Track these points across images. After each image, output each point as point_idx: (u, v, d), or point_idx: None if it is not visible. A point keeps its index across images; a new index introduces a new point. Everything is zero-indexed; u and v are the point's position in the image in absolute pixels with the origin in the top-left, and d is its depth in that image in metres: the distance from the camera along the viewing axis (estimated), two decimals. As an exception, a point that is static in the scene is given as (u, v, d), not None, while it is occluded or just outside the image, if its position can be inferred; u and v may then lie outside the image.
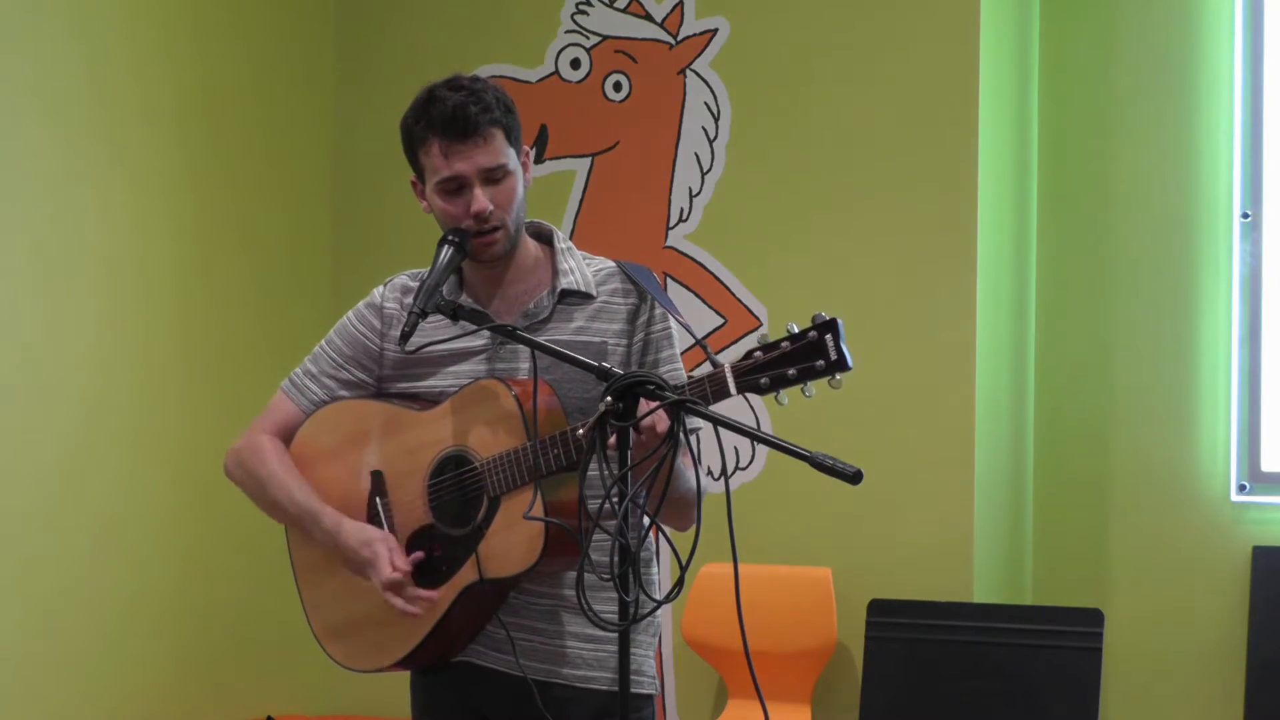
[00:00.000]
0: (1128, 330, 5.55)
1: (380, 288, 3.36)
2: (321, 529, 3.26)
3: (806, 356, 2.80)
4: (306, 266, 6.23)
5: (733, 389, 2.85)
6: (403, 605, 3.15)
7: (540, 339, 3.11)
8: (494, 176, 3.15)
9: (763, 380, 2.83)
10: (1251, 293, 5.36)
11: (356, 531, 3.22)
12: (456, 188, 3.15)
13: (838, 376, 2.80)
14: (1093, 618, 5.12)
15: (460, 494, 3.16)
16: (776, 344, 2.83)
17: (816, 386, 2.82)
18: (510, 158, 3.17)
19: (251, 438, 3.37)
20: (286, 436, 3.37)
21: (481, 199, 3.13)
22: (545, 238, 3.31)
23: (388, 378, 3.32)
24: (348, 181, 6.33)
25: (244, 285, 5.98)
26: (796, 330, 2.82)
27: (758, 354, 2.84)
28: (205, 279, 5.83)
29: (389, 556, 3.17)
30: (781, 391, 2.83)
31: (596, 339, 3.20)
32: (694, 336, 3.07)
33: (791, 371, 2.81)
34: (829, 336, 2.79)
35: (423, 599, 3.15)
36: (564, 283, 3.22)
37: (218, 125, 5.90)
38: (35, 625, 5.28)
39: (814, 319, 2.80)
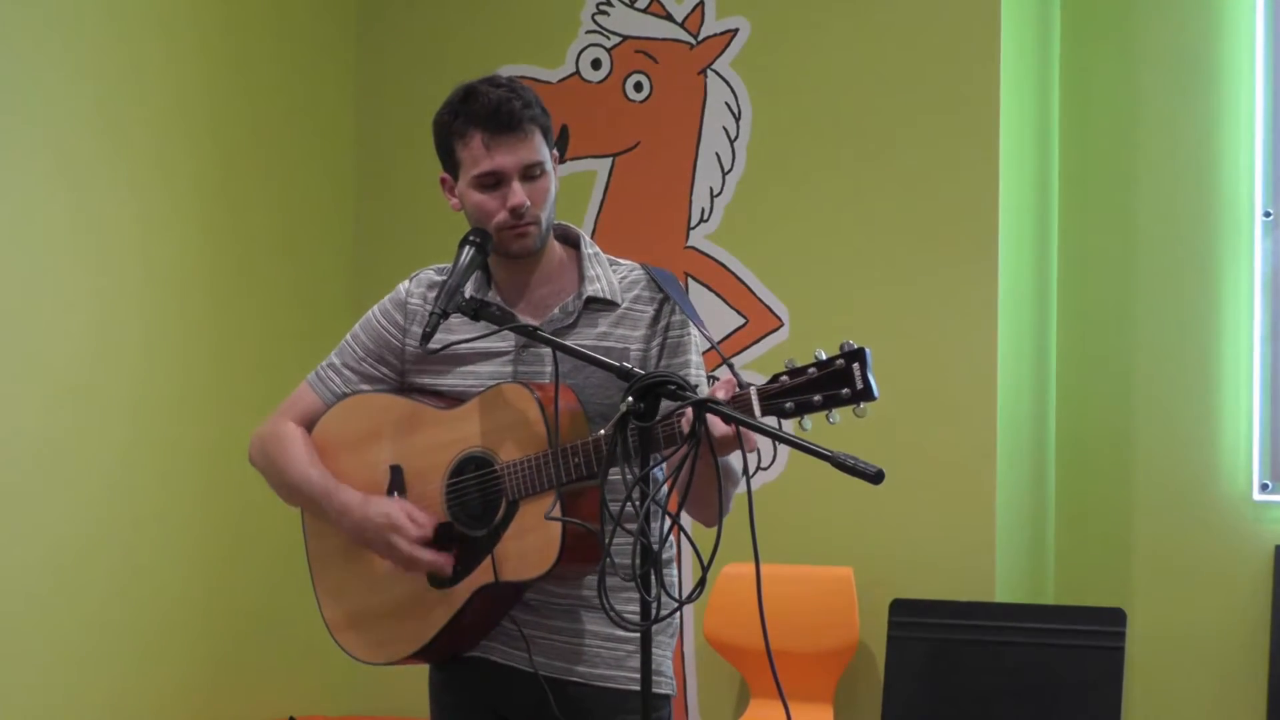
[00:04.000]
0: (1149, 329, 5.55)
1: (406, 282, 3.37)
2: (338, 505, 3.27)
3: (833, 384, 2.81)
4: (332, 265, 6.26)
5: (758, 412, 2.87)
6: (430, 556, 3.16)
7: (565, 342, 3.12)
8: (532, 173, 3.17)
9: (788, 405, 2.83)
10: (1273, 292, 5.36)
11: (372, 502, 3.23)
12: (495, 182, 3.16)
13: (863, 405, 2.82)
14: (1115, 617, 5.13)
15: (479, 495, 3.17)
16: (803, 369, 2.84)
17: (841, 413, 2.84)
18: (546, 157, 3.20)
19: (274, 424, 3.39)
20: (308, 427, 3.38)
21: (520, 193, 3.15)
22: (572, 241, 3.33)
23: (411, 372, 3.33)
24: (370, 183, 6.34)
25: (280, 286, 6.02)
26: (824, 356, 2.83)
27: (784, 379, 2.85)
28: (242, 282, 5.88)
29: (408, 515, 3.19)
30: (806, 416, 2.85)
31: (620, 345, 3.21)
32: (718, 351, 3.07)
33: (817, 398, 2.81)
34: (856, 365, 2.80)
35: (444, 559, 3.18)
36: (590, 290, 3.24)
37: (248, 126, 5.93)
38: (64, 628, 5.31)
39: (842, 347, 2.82)
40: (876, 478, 2.65)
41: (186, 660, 5.69)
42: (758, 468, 5.60)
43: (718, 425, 2.86)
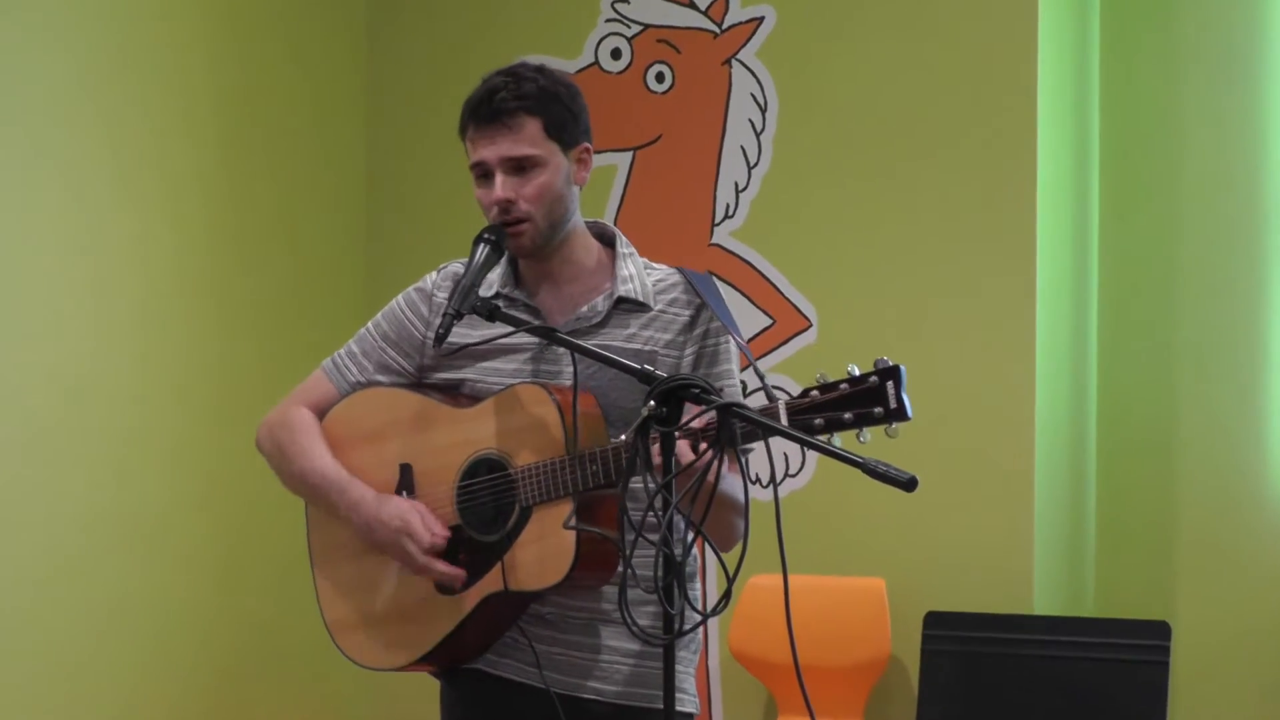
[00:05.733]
0: (1193, 331, 5.53)
1: (433, 274, 3.36)
2: (348, 499, 3.25)
3: (865, 402, 2.81)
4: (341, 264, 6.27)
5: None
6: (443, 568, 3.14)
7: (591, 344, 3.11)
8: (519, 166, 3.15)
9: (817, 421, 2.83)
10: (1323, 289, 5.34)
11: (386, 502, 3.21)
12: (482, 174, 3.17)
13: (895, 425, 2.81)
14: (1159, 630, 5.12)
15: (491, 499, 3.16)
16: (835, 385, 2.84)
17: (872, 432, 2.83)
18: (546, 149, 3.16)
19: (284, 410, 3.38)
20: (319, 415, 3.37)
21: (499, 187, 3.14)
22: (608, 240, 3.31)
23: (428, 367, 3.32)
24: (382, 176, 6.35)
25: (282, 285, 6.04)
26: (857, 373, 2.83)
27: (815, 394, 2.85)
28: (246, 282, 5.90)
29: (423, 522, 3.16)
30: (835, 434, 2.84)
31: (646, 347, 3.20)
32: (751, 361, 3.07)
33: (848, 415, 2.82)
34: (890, 384, 2.80)
35: (456, 571, 3.15)
36: (622, 290, 3.22)
37: (253, 120, 5.94)
38: (67, 634, 5.32)
39: (876, 364, 2.81)
40: (909, 485, 2.62)
41: (188, 672, 5.70)
42: (785, 475, 5.59)
43: (685, 454, 2.85)
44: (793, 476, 5.61)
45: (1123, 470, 5.63)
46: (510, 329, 3.15)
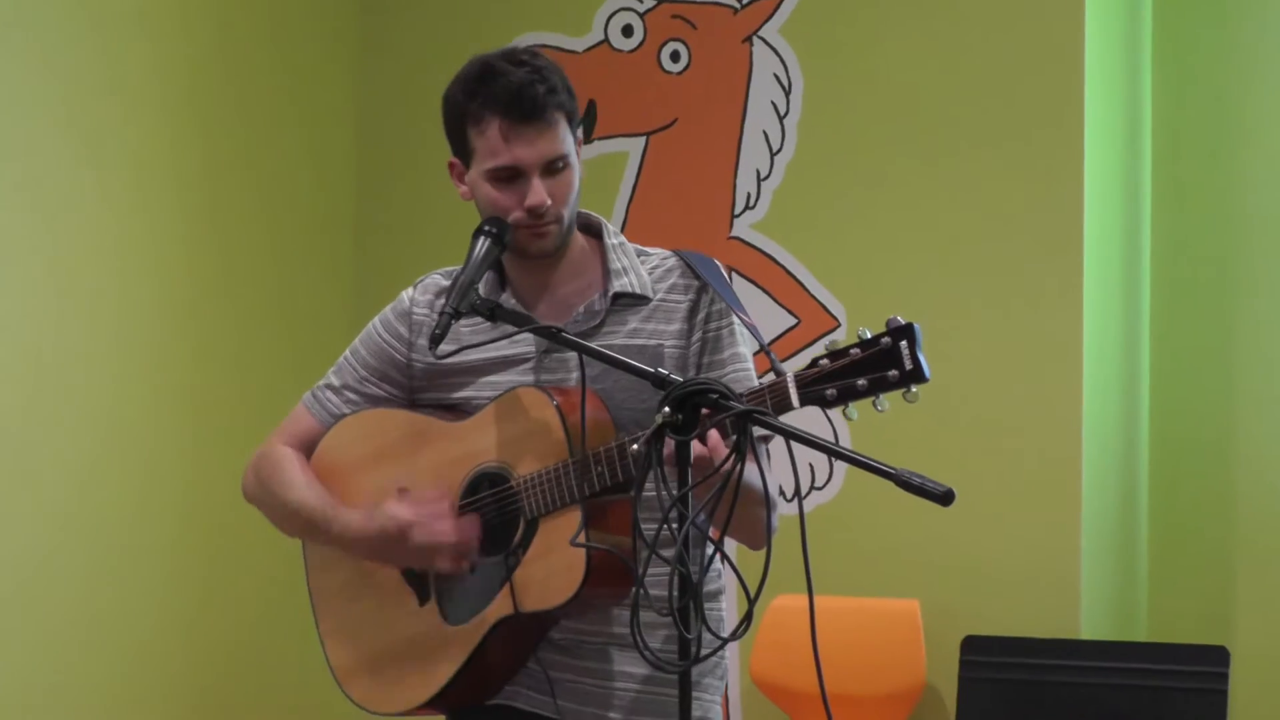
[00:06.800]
0: (1250, 334, 5.53)
1: (409, 290, 3.37)
2: (339, 527, 3.26)
3: (878, 365, 2.78)
4: (328, 265, 6.29)
5: (795, 401, 2.85)
6: (451, 532, 3.15)
7: (592, 345, 3.11)
8: (555, 167, 3.16)
9: (829, 391, 2.81)
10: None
11: (379, 513, 3.22)
12: (511, 176, 3.15)
13: (913, 389, 2.78)
14: (1217, 656, 5.12)
15: (496, 515, 3.17)
16: (845, 351, 2.81)
17: (890, 399, 2.81)
18: (571, 148, 3.18)
19: (268, 450, 3.40)
20: (306, 452, 3.39)
21: (540, 191, 3.14)
22: (594, 231, 3.32)
23: (419, 388, 3.34)
24: (373, 163, 6.36)
25: (263, 288, 6.06)
26: (869, 335, 2.81)
27: (824, 362, 2.83)
28: (222, 281, 5.91)
29: (418, 503, 3.18)
30: (850, 405, 2.82)
31: (652, 342, 3.21)
32: (759, 340, 3.08)
33: (861, 382, 2.79)
34: (904, 343, 2.77)
35: (466, 537, 3.17)
36: (617, 285, 3.23)
37: (235, 107, 5.96)
38: (36, 658, 5.34)
39: (888, 323, 2.78)
40: (945, 498, 2.62)
41: (162, 705, 5.69)
42: (811, 487, 5.60)
43: (715, 446, 2.85)
44: (819, 489, 5.62)
45: (1178, 482, 5.62)
46: (511, 331, 3.15)
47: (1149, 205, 5.66)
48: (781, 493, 5.12)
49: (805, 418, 2.88)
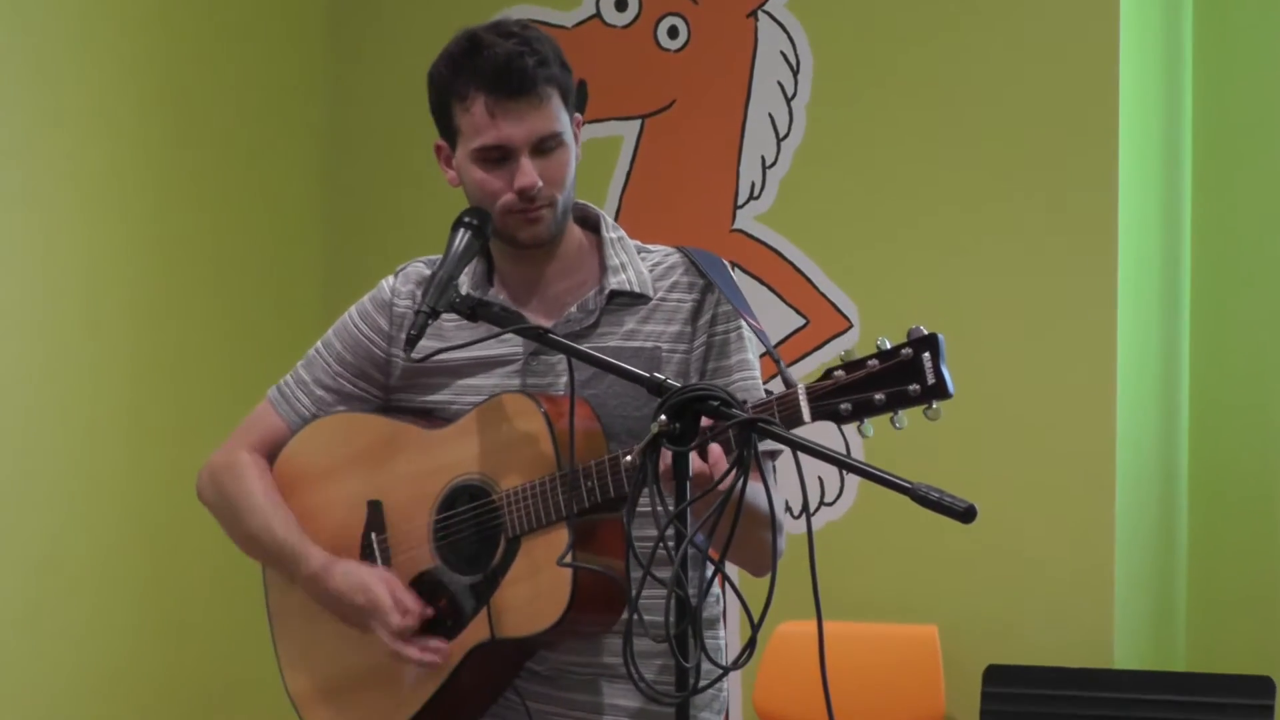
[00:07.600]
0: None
1: (390, 279, 3.36)
2: (305, 574, 3.27)
3: (898, 379, 2.77)
4: (292, 255, 6.33)
5: (806, 416, 2.84)
6: (418, 655, 3.14)
7: (584, 347, 3.10)
8: (546, 146, 3.15)
9: (843, 406, 2.80)
10: None
11: (349, 574, 3.22)
12: (500, 157, 3.14)
13: (935, 405, 2.76)
14: (1261, 687, 5.14)
15: (474, 532, 3.16)
16: (862, 362, 2.80)
17: (909, 416, 2.79)
18: (565, 125, 3.18)
19: (229, 454, 3.39)
20: (270, 455, 3.38)
21: (530, 172, 3.13)
22: (591, 224, 3.31)
23: (396, 389, 3.33)
24: (342, 154, 6.40)
25: (212, 280, 6.08)
26: (888, 346, 2.80)
27: (839, 374, 2.82)
28: (165, 274, 5.93)
29: (393, 599, 3.17)
30: (866, 421, 2.80)
31: (649, 344, 3.20)
32: (767, 346, 3.08)
33: (879, 397, 2.77)
34: (926, 355, 2.76)
35: (435, 649, 3.15)
36: (614, 282, 3.22)
37: (185, 94, 5.99)
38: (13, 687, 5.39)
39: (909, 334, 2.78)
40: (967, 515, 2.60)
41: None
42: (820, 503, 5.60)
43: (716, 460, 2.85)
44: (829, 505, 5.63)
45: (1219, 500, 5.66)
46: (494, 331, 3.13)
47: (1189, 199, 5.68)
48: (788, 509, 5.12)
49: (814, 428, 2.87)
